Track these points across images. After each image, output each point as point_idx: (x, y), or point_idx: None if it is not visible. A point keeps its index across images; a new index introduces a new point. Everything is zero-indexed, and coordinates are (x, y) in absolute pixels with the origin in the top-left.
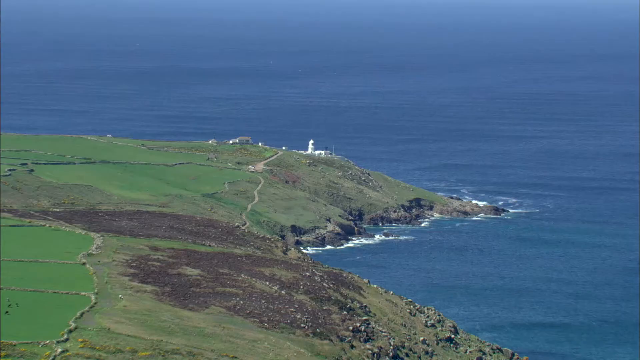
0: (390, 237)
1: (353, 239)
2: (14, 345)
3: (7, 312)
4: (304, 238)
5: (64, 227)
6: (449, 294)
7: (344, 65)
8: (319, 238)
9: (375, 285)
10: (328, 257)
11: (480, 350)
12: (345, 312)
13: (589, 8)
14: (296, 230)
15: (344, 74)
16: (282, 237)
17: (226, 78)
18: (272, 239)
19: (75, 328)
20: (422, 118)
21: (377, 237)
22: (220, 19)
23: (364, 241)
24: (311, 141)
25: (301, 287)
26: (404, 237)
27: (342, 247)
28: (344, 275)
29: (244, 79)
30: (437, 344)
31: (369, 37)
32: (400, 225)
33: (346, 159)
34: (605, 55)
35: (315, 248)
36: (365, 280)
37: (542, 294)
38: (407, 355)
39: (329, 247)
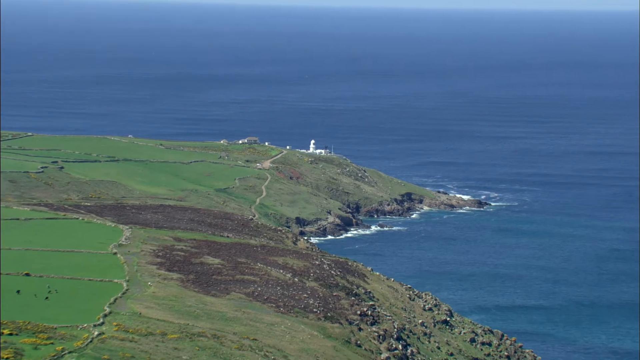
0: (385, 228)
1: (351, 229)
2: (55, 328)
3: (47, 297)
4: (307, 229)
5: (95, 220)
6: (439, 279)
7: (337, 72)
8: (321, 229)
9: (377, 273)
10: (330, 247)
11: (473, 332)
12: (353, 298)
13: (570, 19)
14: (300, 221)
15: (338, 81)
16: (288, 227)
17: (232, 84)
18: (283, 231)
19: (110, 313)
20: (409, 120)
21: (373, 227)
22: (224, 30)
23: (361, 232)
24: (312, 141)
25: (311, 274)
26: (397, 227)
27: (341, 237)
28: (349, 263)
29: (248, 84)
30: (434, 326)
31: (359, 47)
32: (393, 217)
33: (344, 157)
34: (573, 63)
35: (318, 238)
36: (369, 268)
37: (522, 279)
38: (407, 337)
39: (329, 237)
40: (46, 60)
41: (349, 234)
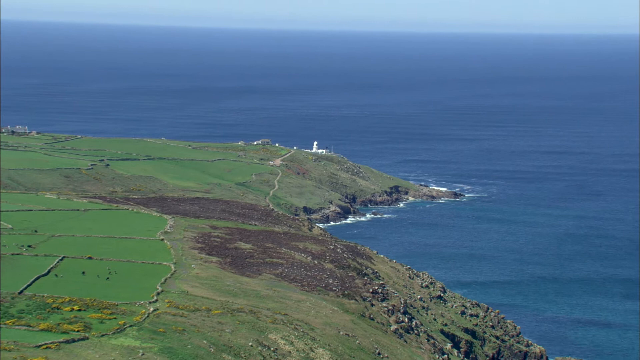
0: (377, 216)
1: (349, 217)
2: (117, 305)
3: (108, 278)
4: (313, 216)
5: (142, 211)
6: (425, 259)
7: (330, 85)
8: (324, 216)
9: (382, 255)
10: (332, 232)
11: (463, 305)
12: (365, 278)
13: (540, 41)
14: (307, 210)
15: (332, 92)
16: (296, 215)
17: (245, 94)
18: (300, 219)
19: (162, 291)
20: (392, 125)
21: (368, 215)
22: (231, 50)
23: (357, 219)
24: (315, 142)
25: (327, 257)
26: (387, 215)
27: (341, 223)
28: (358, 247)
29: (257, 95)
30: (430, 300)
31: (349, 64)
32: (384, 206)
33: (341, 156)
34: (529, 78)
35: (322, 224)
36: (374, 252)
37: (495, 259)
38: (407, 310)
39: (332, 223)
40: (87, 76)
41: (348, 221)
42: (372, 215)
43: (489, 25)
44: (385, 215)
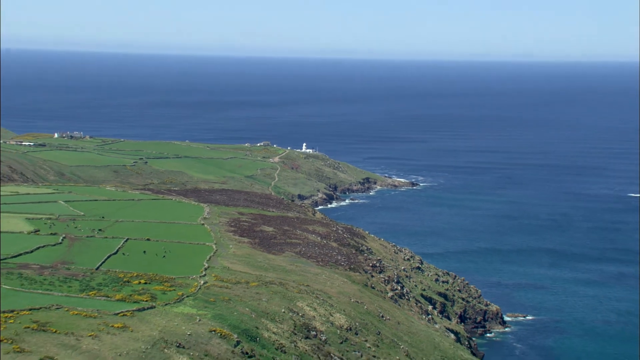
0: (354, 201)
1: (333, 202)
2: (174, 278)
3: (164, 256)
4: (305, 202)
5: (183, 200)
6: (395, 235)
7: (306, 99)
8: (314, 202)
9: (372, 235)
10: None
11: (436, 274)
12: (365, 254)
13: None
14: (300, 197)
15: (308, 104)
16: (292, 201)
17: (247, 106)
18: (305, 206)
19: (208, 267)
20: (359, 130)
21: (347, 201)
22: (228, 72)
23: (339, 203)
24: (304, 144)
25: (332, 237)
26: (362, 200)
27: (327, 207)
28: (354, 229)
29: (256, 106)
30: (412, 270)
31: (317, 83)
32: (359, 193)
33: (324, 154)
34: (464, 94)
35: (312, 208)
36: (367, 232)
37: (449, 234)
38: (399, 280)
39: (320, 207)
40: (120, 93)
41: (332, 205)
42: (350, 200)
43: (437, 53)
44: (360, 201)
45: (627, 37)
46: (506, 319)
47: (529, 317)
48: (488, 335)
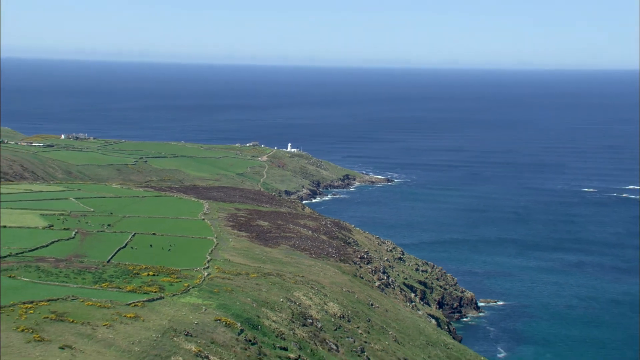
0: (336, 196)
1: (317, 197)
2: (180, 270)
3: (169, 249)
4: (292, 197)
5: (184, 197)
6: (374, 227)
7: (287, 103)
8: (299, 197)
9: (358, 228)
10: None
11: (416, 264)
12: (354, 246)
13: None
14: (287, 192)
15: (290, 108)
16: (280, 196)
17: (235, 109)
18: (294, 201)
19: (210, 260)
20: (337, 131)
21: (329, 196)
22: (219, 79)
23: (322, 198)
24: (289, 144)
25: (322, 231)
26: (342, 195)
27: (311, 202)
28: (341, 223)
29: (245, 110)
30: (394, 261)
31: (294, 89)
32: (340, 189)
33: (308, 153)
34: (430, 98)
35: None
36: (352, 225)
37: (423, 226)
38: (385, 270)
39: (305, 202)
40: (119, 97)
41: (316, 200)
42: (332, 196)
43: (412, 62)
44: (341, 196)
45: (585, 47)
46: (480, 304)
47: (500, 303)
48: (464, 319)
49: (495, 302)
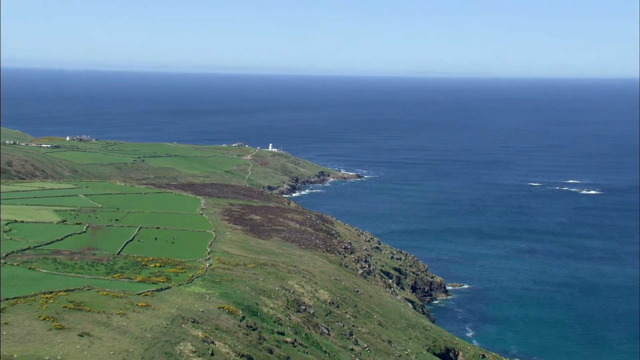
0: (313, 191)
1: (296, 192)
2: (184, 262)
3: (173, 242)
4: (274, 192)
5: (182, 193)
6: (349, 219)
7: (268, 107)
8: (281, 192)
9: (339, 221)
10: None
11: (391, 253)
12: (338, 238)
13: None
14: (270, 188)
15: (269, 112)
16: (263, 190)
17: (221, 114)
18: (281, 197)
19: (211, 251)
20: (311, 132)
21: (307, 191)
22: (207, 86)
23: (301, 193)
24: (270, 144)
25: (307, 224)
26: (319, 190)
27: (292, 196)
28: (324, 216)
29: (229, 114)
30: (372, 250)
31: (285, 95)
32: (316, 184)
33: (287, 152)
34: (392, 103)
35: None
36: (334, 218)
37: (392, 217)
38: (367, 259)
39: (286, 196)
40: (116, 103)
41: (295, 194)
42: (310, 190)
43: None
44: (318, 191)
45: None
46: (448, 288)
47: (465, 286)
48: (434, 302)
49: (461, 285)
